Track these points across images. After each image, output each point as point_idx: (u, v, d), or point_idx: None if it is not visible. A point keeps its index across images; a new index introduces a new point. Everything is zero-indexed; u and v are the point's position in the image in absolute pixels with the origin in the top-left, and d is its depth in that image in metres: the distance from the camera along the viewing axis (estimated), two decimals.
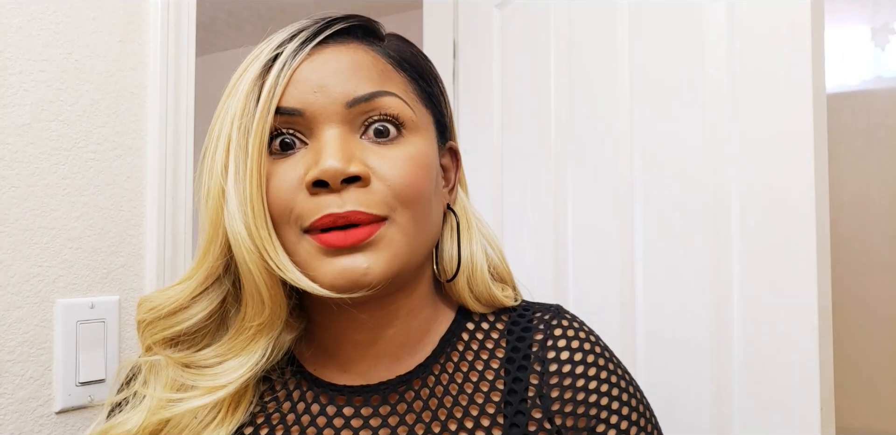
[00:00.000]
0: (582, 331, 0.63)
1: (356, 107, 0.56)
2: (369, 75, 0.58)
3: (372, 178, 0.55)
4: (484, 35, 1.50)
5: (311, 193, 0.55)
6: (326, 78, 0.56)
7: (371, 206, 0.54)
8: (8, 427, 0.75)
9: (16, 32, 0.77)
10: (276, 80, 0.56)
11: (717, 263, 1.03)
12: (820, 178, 0.94)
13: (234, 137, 0.56)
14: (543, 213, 1.31)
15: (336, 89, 0.56)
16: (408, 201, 0.56)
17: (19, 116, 0.77)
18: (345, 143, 0.56)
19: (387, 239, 0.55)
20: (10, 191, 0.76)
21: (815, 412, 0.91)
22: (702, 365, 1.04)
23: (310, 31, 0.58)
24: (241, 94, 0.56)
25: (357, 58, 0.58)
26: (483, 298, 0.65)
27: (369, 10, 2.88)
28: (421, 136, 0.59)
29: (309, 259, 0.55)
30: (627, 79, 1.17)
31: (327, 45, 0.58)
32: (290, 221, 0.55)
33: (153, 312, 0.60)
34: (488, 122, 1.46)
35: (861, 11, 2.00)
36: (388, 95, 0.57)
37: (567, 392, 0.60)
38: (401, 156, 0.57)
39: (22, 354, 0.76)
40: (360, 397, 0.60)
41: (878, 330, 1.91)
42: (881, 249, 1.92)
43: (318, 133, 0.56)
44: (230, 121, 0.56)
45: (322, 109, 0.56)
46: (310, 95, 0.56)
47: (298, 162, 0.56)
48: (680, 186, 1.09)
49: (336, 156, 0.54)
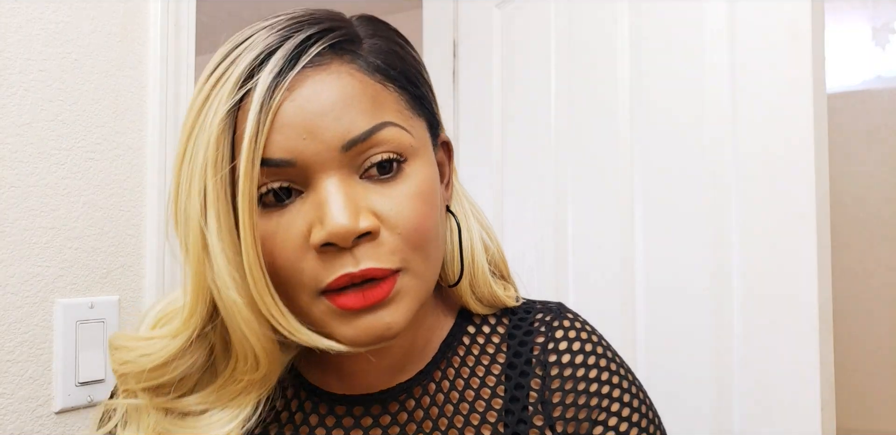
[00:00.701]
0: (584, 331, 0.62)
1: (353, 149, 0.50)
2: (362, 107, 0.51)
3: (381, 229, 0.51)
4: (484, 35, 1.50)
5: (319, 253, 0.50)
6: (315, 120, 0.49)
7: (384, 260, 0.51)
8: (8, 427, 0.75)
9: (15, 32, 0.77)
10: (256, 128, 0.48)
11: (718, 262, 1.03)
12: (820, 178, 0.94)
13: (211, 189, 0.49)
14: (543, 214, 1.31)
15: (328, 133, 0.49)
16: (419, 245, 0.52)
17: (19, 116, 0.76)
18: (348, 193, 0.50)
19: (404, 290, 0.52)
20: (9, 190, 0.76)
21: (816, 412, 0.91)
22: (702, 365, 1.03)
23: (283, 57, 0.50)
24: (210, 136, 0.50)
25: (344, 86, 0.51)
26: (485, 298, 0.63)
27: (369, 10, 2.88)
28: (421, 158, 0.54)
29: (326, 319, 0.52)
30: (627, 78, 1.17)
31: (305, 71, 0.50)
32: (297, 284, 0.51)
33: (127, 366, 0.56)
34: (488, 121, 1.46)
35: (861, 11, 2.00)
36: (386, 127, 0.51)
37: (568, 396, 0.58)
38: (406, 194, 0.52)
39: (22, 353, 0.76)
40: (360, 407, 0.59)
41: (878, 330, 1.91)
42: (881, 249, 1.92)
43: (314, 182, 0.50)
44: (201, 167, 0.50)
45: (315, 157, 0.49)
46: (299, 142, 0.49)
47: (297, 216, 0.50)
48: (680, 187, 1.08)
49: (343, 213, 0.49)
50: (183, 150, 0.52)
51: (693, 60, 1.07)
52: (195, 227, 0.50)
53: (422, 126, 0.56)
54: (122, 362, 0.56)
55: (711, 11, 1.05)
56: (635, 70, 1.16)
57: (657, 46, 1.13)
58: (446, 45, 1.58)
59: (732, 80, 1.02)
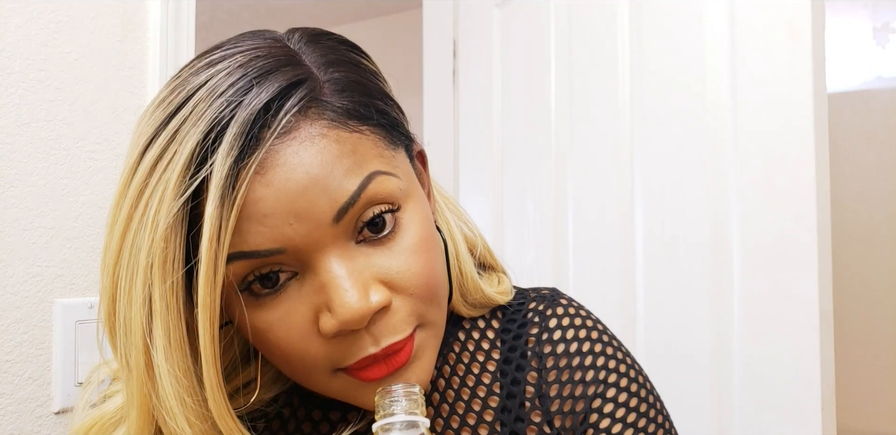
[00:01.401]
0: (578, 317, 0.60)
1: (345, 217, 0.44)
2: (344, 169, 0.44)
3: (393, 298, 0.46)
4: (484, 34, 1.50)
5: (333, 338, 0.45)
6: (298, 201, 0.43)
7: (401, 329, 0.47)
8: (7, 427, 0.74)
9: (15, 32, 0.76)
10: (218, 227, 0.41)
11: (718, 262, 1.03)
12: (821, 177, 0.94)
13: (158, 298, 0.42)
14: (543, 214, 1.31)
15: (315, 210, 0.43)
16: (432, 298, 0.48)
17: (18, 116, 0.76)
18: (350, 268, 0.45)
19: (423, 344, 0.49)
20: (8, 190, 0.75)
21: (817, 413, 0.91)
22: (702, 365, 1.03)
23: (241, 135, 0.41)
24: (155, 234, 0.42)
25: (321, 152, 0.44)
26: (477, 302, 0.60)
27: (369, 9, 2.88)
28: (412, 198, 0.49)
29: (349, 389, 0.48)
30: (628, 79, 1.17)
31: (273, 147, 0.43)
32: (315, 366, 0.47)
33: None
34: (488, 121, 1.46)
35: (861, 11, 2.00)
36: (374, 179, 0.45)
37: (566, 388, 0.57)
38: (408, 249, 0.47)
39: (21, 354, 0.76)
40: (355, 412, 0.57)
41: (878, 330, 1.91)
42: (882, 250, 1.92)
43: (310, 263, 0.45)
44: (144, 272, 0.42)
45: (307, 238, 0.44)
46: (286, 229, 0.43)
47: (297, 302, 0.45)
48: (680, 186, 1.08)
49: (353, 295, 0.43)
50: (118, 250, 0.44)
51: (693, 60, 1.07)
52: (138, 342, 0.43)
53: (402, 156, 0.51)
54: None
55: (711, 11, 1.05)
56: (635, 70, 1.16)
57: (657, 46, 1.13)
58: (446, 45, 1.58)
59: (732, 80, 1.02)
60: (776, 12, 0.98)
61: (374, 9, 2.86)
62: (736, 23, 1.03)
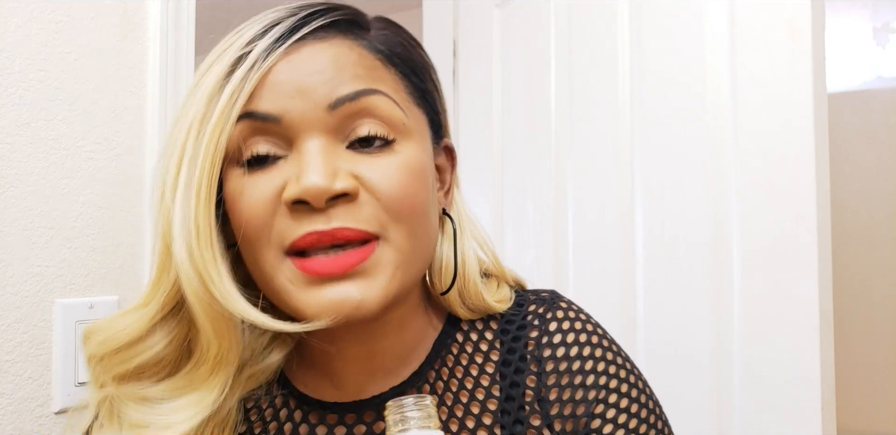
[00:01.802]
0: (578, 321, 0.59)
1: (340, 108, 0.49)
2: (355, 72, 0.50)
3: (361, 192, 0.49)
4: (484, 34, 1.50)
5: (290, 210, 0.48)
6: (306, 78, 0.49)
7: (360, 221, 0.48)
8: (7, 427, 0.74)
9: (15, 32, 0.76)
10: (241, 82, 0.48)
11: (718, 262, 1.03)
12: (821, 177, 0.94)
13: (189, 147, 0.48)
14: (543, 214, 1.31)
15: (317, 91, 0.49)
16: (402, 216, 0.49)
17: (18, 116, 0.76)
18: (329, 155, 0.49)
19: (382, 262, 0.49)
20: (8, 190, 0.75)
21: (817, 413, 0.91)
22: (702, 365, 1.03)
23: (285, 27, 0.50)
24: (201, 97, 0.49)
25: (340, 54, 0.51)
26: (476, 307, 0.60)
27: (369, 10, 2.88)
28: (414, 141, 0.52)
29: (290, 287, 0.48)
30: (628, 79, 1.17)
31: (305, 41, 0.51)
32: (270, 241, 0.49)
33: (105, 345, 0.53)
34: (488, 121, 1.46)
35: (861, 11, 2.00)
36: (376, 94, 0.50)
37: (565, 392, 0.56)
38: (393, 165, 0.50)
39: (21, 354, 0.76)
40: (352, 414, 0.56)
41: (878, 330, 1.91)
42: (882, 250, 1.92)
43: (298, 143, 0.49)
44: (186, 128, 0.49)
45: (302, 116, 0.49)
46: (288, 100, 0.49)
47: (275, 176, 0.49)
48: (680, 186, 1.08)
49: (319, 171, 0.47)
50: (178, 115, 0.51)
51: (693, 60, 1.07)
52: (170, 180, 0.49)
53: (421, 118, 0.55)
54: (100, 342, 0.53)
55: (711, 11, 1.05)
56: (635, 70, 1.16)
57: (657, 46, 1.13)
58: (446, 44, 1.58)
59: (732, 80, 1.02)
60: (776, 12, 0.98)
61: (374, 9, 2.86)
62: (736, 23, 1.02)
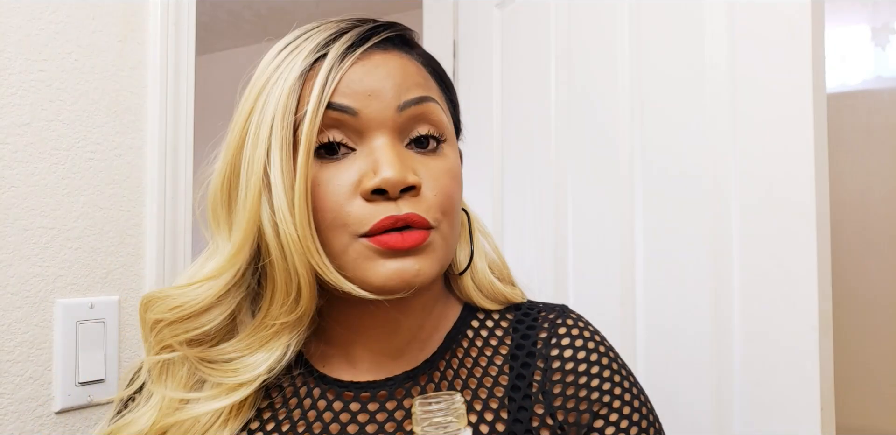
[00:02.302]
0: (587, 330, 0.65)
1: (406, 111, 0.58)
2: (416, 81, 0.59)
3: (422, 189, 0.57)
4: (484, 35, 1.50)
5: (367, 200, 0.56)
6: (379, 82, 0.57)
7: (423, 212, 0.57)
8: (7, 427, 0.75)
9: (16, 32, 0.77)
10: (326, 79, 0.56)
11: (718, 262, 1.03)
12: (820, 177, 0.94)
13: (277, 135, 0.55)
14: (543, 214, 1.31)
15: (388, 93, 0.57)
16: (447, 212, 0.59)
17: (19, 116, 0.76)
18: (399, 151, 0.57)
19: (434, 245, 0.58)
20: (9, 190, 0.76)
21: (816, 412, 0.91)
22: (702, 365, 1.03)
23: (356, 35, 0.59)
24: (283, 91, 0.56)
25: (404, 65, 0.60)
26: (486, 290, 0.67)
27: (369, 9, 2.88)
28: (452, 146, 0.62)
29: (361, 260, 0.56)
30: (628, 79, 1.17)
31: (373, 51, 0.59)
32: (340, 226, 0.56)
33: (176, 311, 0.60)
34: (488, 121, 1.46)
35: (861, 11, 2.00)
36: (433, 101, 0.60)
37: (569, 389, 0.61)
38: (441, 168, 0.59)
39: (21, 354, 0.76)
40: (366, 393, 0.61)
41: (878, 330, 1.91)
42: (881, 249, 1.92)
43: (368, 139, 0.57)
44: (270, 117, 0.56)
45: (376, 114, 0.57)
46: (364, 98, 0.57)
47: (348, 167, 0.57)
48: (680, 186, 1.09)
49: (395, 166, 0.55)
50: (250, 108, 0.58)
51: (693, 60, 1.07)
52: (259, 167, 0.56)
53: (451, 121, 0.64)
54: (170, 308, 0.59)
55: (711, 11, 1.05)
56: (635, 70, 1.16)
57: (657, 46, 1.13)
58: (446, 45, 1.58)
59: (732, 80, 1.02)
60: (776, 12, 0.98)
61: (374, 9, 2.86)
62: (736, 22, 1.03)
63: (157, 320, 0.60)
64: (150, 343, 0.62)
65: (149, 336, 0.62)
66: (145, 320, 0.62)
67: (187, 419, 0.59)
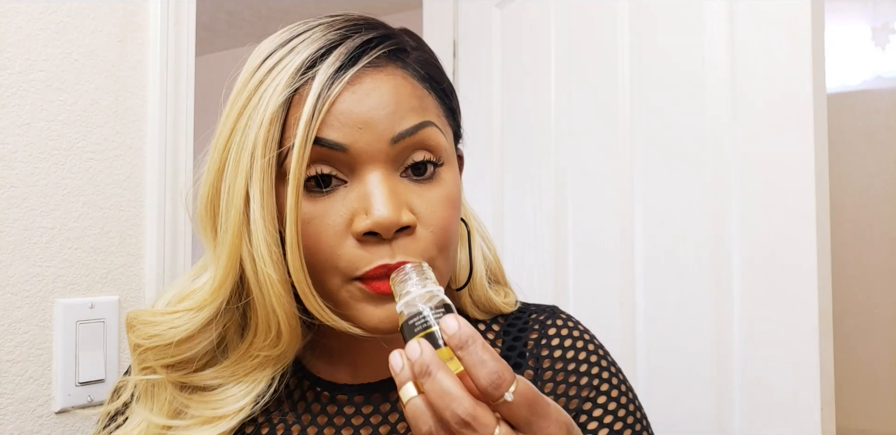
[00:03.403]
0: (576, 329, 0.65)
1: (400, 142, 0.54)
2: (411, 105, 0.55)
3: (417, 226, 0.54)
4: (484, 35, 1.50)
5: (359, 241, 0.53)
6: (371, 111, 0.53)
7: (417, 254, 0.54)
8: (7, 427, 0.75)
9: (16, 32, 0.77)
10: (313, 111, 0.52)
11: (718, 263, 1.03)
12: (820, 178, 0.94)
13: (258, 167, 0.52)
14: (543, 213, 1.31)
15: (381, 125, 0.53)
16: (444, 246, 0.56)
17: (19, 116, 0.76)
18: (392, 188, 0.53)
19: None
20: (9, 190, 0.76)
21: (816, 413, 0.91)
22: (702, 365, 1.03)
23: (345, 54, 0.53)
24: (264, 117, 0.52)
25: (398, 87, 0.55)
26: (481, 303, 0.66)
27: (369, 10, 2.88)
28: (451, 165, 0.58)
29: (353, 302, 0.54)
30: (628, 79, 1.17)
31: (365, 71, 0.54)
32: (332, 268, 0.54)
33: (156, 339, 0.58)
34: (488, 121, 1.46)
35: (861, 11, 2.00)
36: (430, 126, 0.55)
37: (560, 387, 0.61)
38: (438, 198, 0.56)
39: (21, 354, 0.76)
40: (361, 396, 0.61)
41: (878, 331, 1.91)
42: (881, 250, 1.92)
43: (360, 173, 0.54)
44: (251, 146, 0.52)
45: (367, 147, 0.53)
46: (354, 131, 0.52)
47: (340, 203, 0.53)
48: (680, 187, 1.08)
49: (388, 205, 0.52)
50: (231, 129, 0.54)
51: (693, 60, 1.07)
52: (238, 201, 0.53)
53: (450, 134, 0.60)
54: (149, 336, 0.58)
55: (711, 11, 1.05)
56: (635, 70, 1.16)
57: (657, 46, 1.13)
58: (446, 45, 1.58)
59: (732, 80, 1.02)
60: (776, 12, 0.98)
61: (374, 9, 2.86)
62: (736, 23, 1.03)
63: (137, 345, 0.59)
64: (134, 362, 0.61)
65: (133, 355, 0.60)
66: (129, 340, 0.60)
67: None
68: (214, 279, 0.56)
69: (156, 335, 0.57)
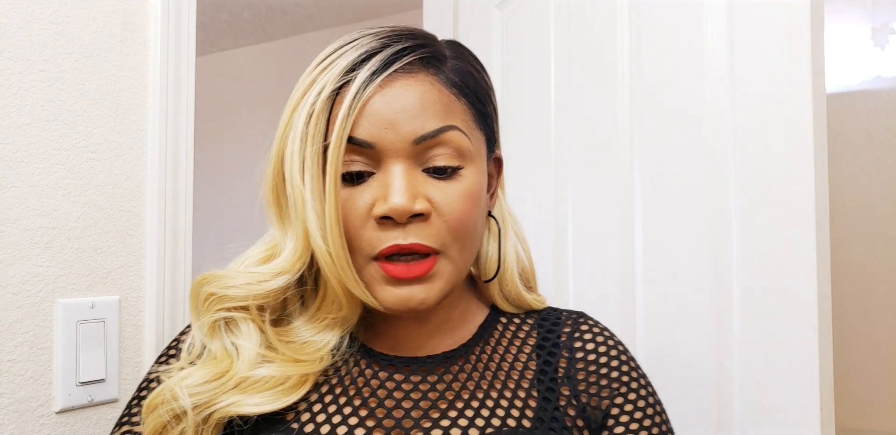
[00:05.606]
0: (606, 331, 0.72)
1: (422, 143, 0.61)
2: (435, 111, 0.61)
3: (432, 214, 0.61)
4: (484, 35, 1.50)
5: (377, 224, 0.60)
6: (396, 114, 0.60)
7: (429, 239, 0.61)
8: (8, 427, 0.75)
9: (16, 32, 0.77)
10: (348, 111, 0.59)
11: (718, 262, 1.03)
12: (820, 178, 0.94)
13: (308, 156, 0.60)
14: (543, 213, 1.32)
15: (405, 127, 0.60)
16: (459, 235, 0.62)
17: (19, 116, 0.77)
18: (410, 179, 0.60)
19: (440, 272, 0.62)
20: (10, 191, 0.76)
21: (815, 413, 0.91)
22: (702, 365, 1.04)
23: (381, 60, 0.61)
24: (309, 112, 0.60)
25: (424, 92, 0.62)
26: (511, 297, 0.72)
27: (370, 10, 2.88)
28: (475, 165, 0.64)
29: (373, 282, 0.62)
30: (628, 78, 1.17)
31: (397, 75, 0.61)
32: (357, 248, 0.61)
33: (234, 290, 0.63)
34: None
35: (861, 11, 2.01)
36: (451, 129, 0.62)
37: (591, 376, 0.68)
38: (457, 191, 0.62)
39: (22, 353, 0.76)
40: (408, 367, 0.67)
41: (878, 330, 1.91)
42: (881, 250, 1.92)
43: (384, 166, 0.61)
44: (301, 138, 0.60)
45: (391, 145, 0.60)
46: (380, 130, 0.60)
47: (366, 191, 0.61)
48: (680, 186, 1.09)
49: (403, 194, 0.59)
50: (287, 121, 0.62)
51: (693, 60, 1.07)
52: (297, 185, 0.60)
53: (481, 139, 0.67)
54: (227, 287, 0.64)
55: (710, 12, 1.05)
56: (635, 70, 1.16)
57: (656, 46, 1.13)
58: None
59: (732, 80, 1.02)
60: (775, 13, 0.98)
61: (375, 9, 2.86)
62: (735, 23, 1.03)
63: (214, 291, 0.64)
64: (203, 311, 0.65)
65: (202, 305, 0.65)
66: (202, 292, 0.65)
67: (264, 376, 0.62)
68: (294, 251, 0.62)
69: (233, 287, 0.64)
